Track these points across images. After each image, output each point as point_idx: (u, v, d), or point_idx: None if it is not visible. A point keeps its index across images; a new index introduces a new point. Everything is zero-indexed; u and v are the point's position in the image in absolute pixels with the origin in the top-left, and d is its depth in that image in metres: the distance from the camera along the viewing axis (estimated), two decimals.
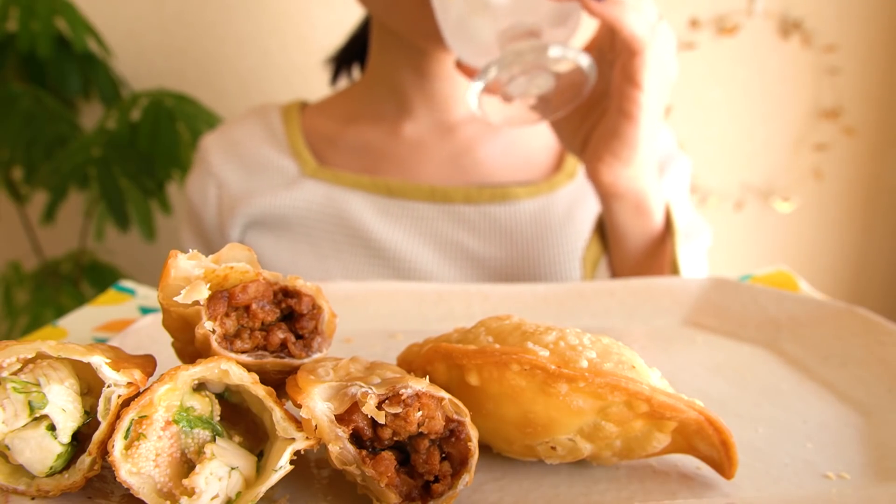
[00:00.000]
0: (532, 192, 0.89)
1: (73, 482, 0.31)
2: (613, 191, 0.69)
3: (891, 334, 0.49)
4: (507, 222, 0.88)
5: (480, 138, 0.91)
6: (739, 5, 1.66)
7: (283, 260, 0.89)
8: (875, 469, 0.37)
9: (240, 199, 0.92)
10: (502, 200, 0.88)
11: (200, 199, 0.96)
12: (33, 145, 1.35)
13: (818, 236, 1.88)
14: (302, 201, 0.90)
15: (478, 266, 0.87)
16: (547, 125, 0.73)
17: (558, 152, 0.95)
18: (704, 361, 0.52)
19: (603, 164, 0.68)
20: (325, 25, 1.54)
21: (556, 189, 0.90)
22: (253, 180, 0.93)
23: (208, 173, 0.95)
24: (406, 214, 0.90)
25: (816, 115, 1.75)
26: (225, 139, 0.97)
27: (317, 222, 0.90)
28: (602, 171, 0.68)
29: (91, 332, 0.58)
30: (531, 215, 0.88)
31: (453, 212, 0.89)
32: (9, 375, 0.30)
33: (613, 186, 0.69)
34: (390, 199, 0.90)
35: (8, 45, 1.40)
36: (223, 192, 0.94)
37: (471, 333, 0.38)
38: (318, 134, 0.96)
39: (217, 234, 0.96)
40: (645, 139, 0.66)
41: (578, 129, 0.71)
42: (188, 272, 0.33)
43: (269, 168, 0.93)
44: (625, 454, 0.36)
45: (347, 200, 0.90)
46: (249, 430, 0.33)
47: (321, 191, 0.91)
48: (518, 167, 0.92)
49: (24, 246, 1.62)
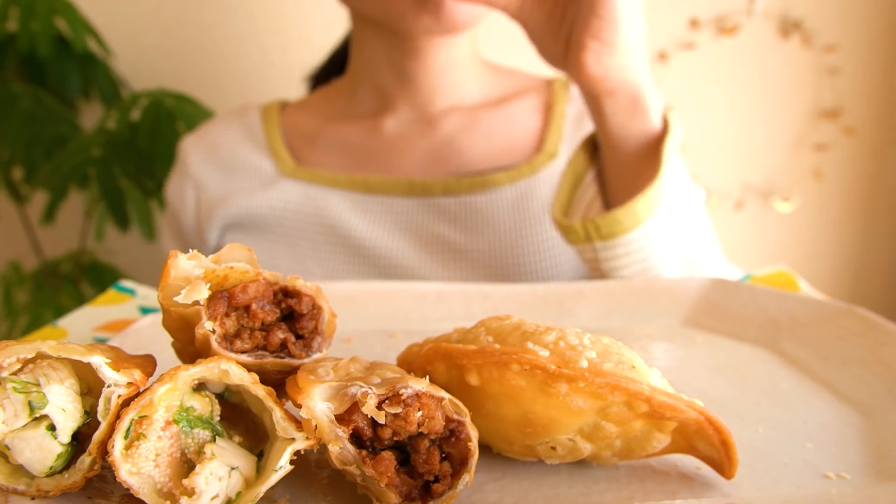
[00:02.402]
0: (513, 176, 0.88)
1: (73, 482, 0.31)
2: (604, 86, 0.65)
3: (891, 334, 0.48)
4: (488, 212, 0.87)
5: (461, 128, 0.91)
6: (739, 5, 1.66)
7: (262, 262, 0.86)
8: (875, 469, 0.37)
9: (217, 201, 0.91)
10: (482, 189, 0.87)
11: (178, 201, 0.95)
12: (33, 145, 1.35)
13: (818, 236, 1.88)
14: (279, 201, 0.90)
15: (460, 259, 0.86)
16: (527, 37, 0.70)
17: (539, 134, 0.93)
18: (704, 361, 0.52)
19: (587, 52, 0.63)
20: (325, 25, 1.54)
21: (537, 171, 0.89)
22: (231, 181, 0.93)
23: (186, 175, 0.95)
24: (385, 210, 0.89)
25: (816, 115, 1.75)
26: (203, 140, 0.97)
27: (295, 222, 0.89)
28: (588, 61, 0.64)
29: (91, 332, 0.58)
30: (512, 203, 0.87)
31: (433, 205, 0.88)
32: (9, 375, 0.30)
33: (603, 80, 0.65)
34: (369, 195, 0.89)
35: (8, 45, 1.40)
36: (201, 193, 0.93)
37: (471, 333, 0.38)
38: (298, 132, 0.95)
39: (195, 237, 0.95)
40: (625, 14, 0.62)
41: (558, 33, 0.67)
42: (188, 272, 0.33)
43: (247, 169, 0.93)
44: (625, 454, 0.36)
45: (325, 199, 0.89)
46: (249, 430, 0.33)
47: (299, 190, 0.90)
48: (499, 153, 0.91)
49: (24, 246, 1.62)
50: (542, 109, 0.95)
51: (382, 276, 0.87)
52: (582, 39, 0.64)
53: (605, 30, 0.63)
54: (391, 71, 0.88)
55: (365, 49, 0.89)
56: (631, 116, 0.67)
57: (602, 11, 0.62)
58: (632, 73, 0.65)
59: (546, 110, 0.95)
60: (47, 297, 1.43)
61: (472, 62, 0.91)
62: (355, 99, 0.93)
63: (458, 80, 0.90)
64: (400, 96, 0.90)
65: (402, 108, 0.91)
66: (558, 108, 0.94)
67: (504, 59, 1.01)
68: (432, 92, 0.89)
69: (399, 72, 0.87)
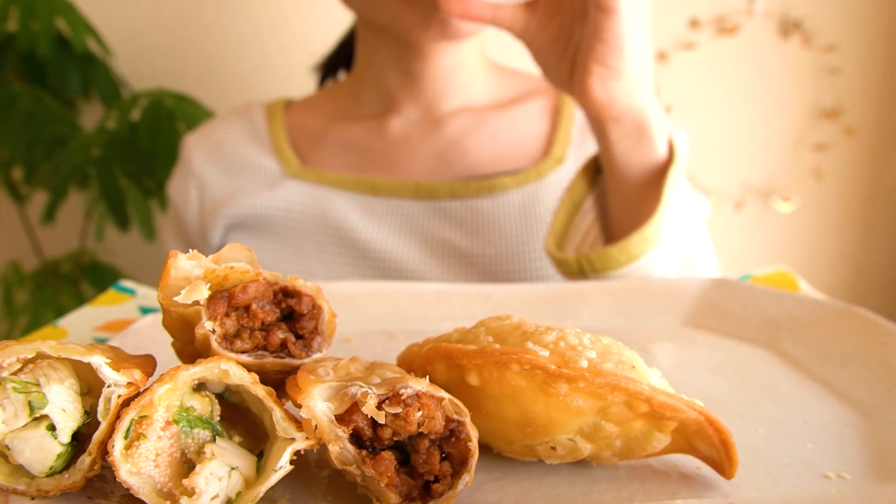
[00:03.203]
0: (520, 180, 0.87)
1: (73, 482, 0.31)
2: (609, 112, 0.64)
3: (891, 334, 0.48)
4: (495, 216, 0.86)
5: (468, 130, 0.90)
6: (739, 5, 1.66)
7: (265, 262, 0.87)
8: (875, 469, 0.37)
9: (221, 200, 0.91)
10: (489, 193, 0.87)
11: (182, 199, 0.95)
12: (33, 145, 1.36)
13: (818, 236, 1.88)
14: (284, 202, 0.89)
15: (465, 263, 0.86)
16: (532, 58, 0.70)
17: (547, 138, 0.92)
18: (704, 361, 0.52)
19: (592, 77, 0.62)
20: (325, 25, 1.54)
21: (544, 176, 0.88)
22: (235, 181, 0.92)
23: (190, 174, 0.94)
24: (391, 212, 0.88)
25: (816, 115, 1.75)
26: (207, 138, 0.96)
27: (299, 223, 0.89)
28: (593, 86, 0.63)
29: (91, 332, 0.58)
30: (519, 208, 0.87)
31: (439, 208, 0.88)
32: (9, 375, 0.30)
33: (609, 106, 0.64)
34: (374, 197, 0.89)
35: (8, 45, 1.40)
36: (204, 192, 0.93)
37: (471, 333, 0.38)
38: (303, 132, 0.95)
39: (198, 236, 0.95)
40: (631, 40, 0.61)
41: (563, 55, 0.66)
42: (188, 272, 0.33)
43: (251, 168, 0.92)
44: (625, 454, 0.36)
45: (330, 200, 0.89)
46: (249, 430, 0.33)
47: (304, 191, 0.89)
48: (506, 156, 0.90)
49: (24, 246, 1.62)
50: (550, 113, 0.94)
51: (387, 279, 0.86)
52: (587, 64, 0.62)
53: (611, 55, 0.61)
54: (397, 72, 0.87)
55: (371, 50, 0.88)
56: (636, 144, 0.66)
57: (607, 37, 0.61)
58: (637, 99, 0.64)
59: (554, 114, 0.94)
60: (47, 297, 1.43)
61: (478, 64, 0.91)
62: (361, 99, 0.93)
63: (465, 82, 0.90)
64: (406, 97, 0.89)
65: (408, 110, 0.90)
66: (566, 111, 0.94)
67: (512, 61, 1.01)
68: (438, 94, 0.89)
69: (405, 73, 0.87)
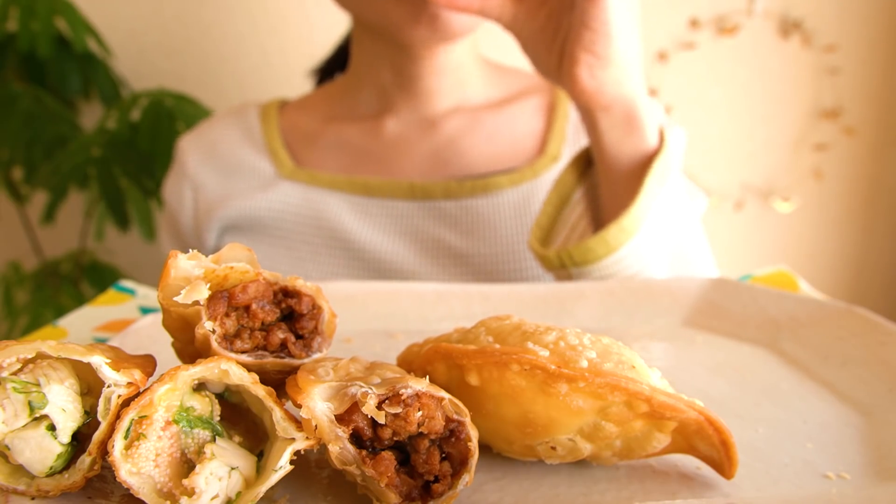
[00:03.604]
0: (515, 179, 0.87)
1: (73, 482, 0.31)
2: (598, 101, 0.64)
3: (891, 334, 0.48)
4: (490, 216, 0.86)
5: (462, 130, 0.90)
6: (739, 5, 1.66)
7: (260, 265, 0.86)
8: (875, 469, 0.37)
9: (216, 203, 0.90)
10: (484, 192, 0.87)
11: (176, 201, 0.95)
12: (33, 145, 1.36)
13: (818, 236, 1.88)
14: (278, 203, 0.89)
15: (460, 263, 0.86)
16: (521, 49, 0.70)
17: (542, 136, 0.92)
18: (704, 361, 0.52)
19: (580, 65, 0.62)
20: (325, 26, 1.54)
21: (539, 174, 0.88)
22: (229, 182, 0.92)
23: (184, 175, 0.94)
24: (385, 213, 0.88)
25: (816, 115, 1.75)
26: (202, 140, 0.96)
27: (294, 225, 0.88)
28: (581, 75, 0.63)
29: (91, 332, 0.58)
30: (514, 207, 0.86)
31: (434, 208, 0.87)
32: (9, 375, 0.30)
33: (597, 94, 0.64)
34: (369, 198, 0.89)
35: (8, 45, 1.40)
36: (199, 194, 0.93)
37: (471, 333, 0.38)
38: (298, 132, 0.95)
39: (193, 238, 0.94)
40: (617, 27, 0.61)
41: (552, 45, 0.66)
42: (188, 272, 0.33)
43: (246, 169, 0.92)
44: (625, 454, 0.36)
45: (325, 201, 0.89)
46: (249, 430, 0.33)
47: (298, 192, 0.89)
48: (501, 156, 0.90)
49: (24, 246, 1.62)
50: (544, 111, 0.94)
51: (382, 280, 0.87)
52: (575, 52, 0.63)
53: (598, 43, 0.62)
54: (392, 72, 0.87)
55: (365, 50, 0.88)
56: (626, 133, 0.66)
57: (594, 24, 0.61)
58: (626, 88, 0.64)
59: (549, 112, 0.94)
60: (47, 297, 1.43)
61: (472, 63, 0.91)
62: (356, 99, 0.93)
63: (459, 82, 0.90)
64: (401, 97, 0.89)
65: (402, 110, 0.90)
66: (561, 109, 0.94)
67: (506, 59, 1.01)
68: (433, 93, 0.89)
69: (399, 73, 0.87)
